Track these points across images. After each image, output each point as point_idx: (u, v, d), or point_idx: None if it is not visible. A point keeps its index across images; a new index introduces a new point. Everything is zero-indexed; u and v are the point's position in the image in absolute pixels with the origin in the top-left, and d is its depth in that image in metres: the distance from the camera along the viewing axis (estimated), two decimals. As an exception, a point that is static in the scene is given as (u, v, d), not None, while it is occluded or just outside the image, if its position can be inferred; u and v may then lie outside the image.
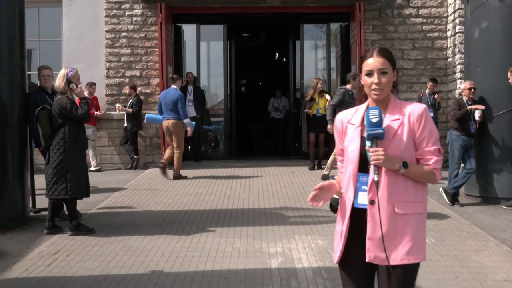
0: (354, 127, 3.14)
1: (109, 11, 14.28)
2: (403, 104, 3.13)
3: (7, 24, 7.84)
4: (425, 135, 3.03)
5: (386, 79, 3.06)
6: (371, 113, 2.97)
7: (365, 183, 3.02)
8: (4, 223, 7.55)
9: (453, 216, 8.40)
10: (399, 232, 2.99)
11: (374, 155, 2.91)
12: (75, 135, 7.29)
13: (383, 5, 14.29)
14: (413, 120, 3.03)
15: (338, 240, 3.15)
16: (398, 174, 2.97)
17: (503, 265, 6.11)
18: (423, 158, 3.05)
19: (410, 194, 3.02)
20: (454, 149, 9.25)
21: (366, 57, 3.15)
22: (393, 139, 3.01)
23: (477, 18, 9.55)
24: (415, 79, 14.30)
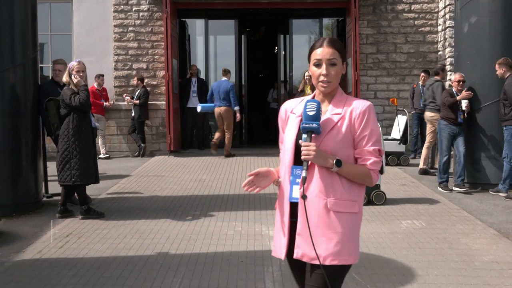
0: (295, 117, 2.87)
1: (117, 6, 14.24)
2: (349, 99, 2.83)
3: (20, 19, 7.81)
4: (366, 134, 2.74)
5: (335, 71, 2.76)
6: (309, 106, 2.70)
7: (299, 176, 2.74)
8: (18, 207, 7.57)
9: (443, 201, 8.41)
10: (330, 230, 2.72)
11: (305, 150, 2.64)
12: (79, 124, 7.27)
13: (377, 1, 14.25)
14: (355, 117, 2.74)
15: (279, 235, 2.89)
16: (333, 171, 2.70)
17: (489, 247, 6.12)
18: (361, 157, 2.76)
19: (344, 192, 2.74)
20: (442, 138, 9.27)
21: (315, 46, 2.82)
22: (329, 133, 2.73)
23: (467, 14, 9.52)
24: (407, 72, 14.28)
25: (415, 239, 6.39)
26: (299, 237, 2.74)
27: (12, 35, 7.73)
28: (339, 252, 2.70)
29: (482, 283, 4.99)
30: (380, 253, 5.89)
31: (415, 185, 9.77)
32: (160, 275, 5.17)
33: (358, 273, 5.19)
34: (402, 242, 6.29)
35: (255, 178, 2.86)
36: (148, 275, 5.15)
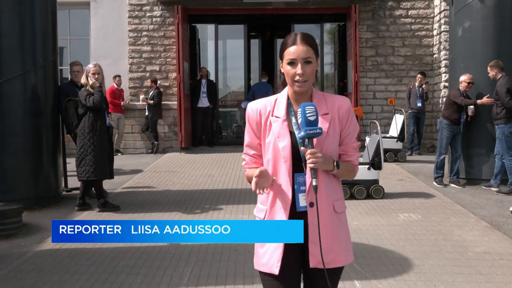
0: (280, 121, 2.52)
1: (132, 12, 14.26)
2: (327, 96, 2.60)
3: (41, 24, 7.84)
4: (351, 131, 2.57)
5: (310, 69, 2.47)
6: (308, 111, 2.39)
7: (303, 183, 2.48)
8: (39, 201, 7.61)
9: (438, 196, 8.40)
10: (340, 232, 2.55)
11: (313, 158, 2.36)
12: (94, 122, 7.29)
13: (376, 7, 14.21)
14: (342, 115, 2.54)
15: (268, 248, 2.51)
16: (329, 173, 2.50)
17: (482, 239, 6.11)
18: (346, 154, 2.58)
19: (338, 191, 2.58)
20: (443, 137, 9.20)
21: (288, 43, 2.49)
22: (327, 136, 2.49)
23: (461, 19, 9.50)
24: (404, 73, 14.24)
25: (411, 231, 6.39)
26: (313, 245, 2.45)
27: (34, 39, 7.76)
28: (348, 250, 2.58)
29: (475, 273, 4.98)
30: (379, 244, 5.89)
31: (411, 180, 9.76)
32: (172, 264, 5.18)
33: (358, 263, 5.19)
34: (399, 234, 6.29)
35: (259, 179, 2.42)
36: (161, 264, 5.17)
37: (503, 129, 8.52)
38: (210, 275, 4.87)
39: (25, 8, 7.65)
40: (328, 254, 2.44)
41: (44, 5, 7.90)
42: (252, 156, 2.63)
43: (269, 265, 2.48)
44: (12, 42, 7.54)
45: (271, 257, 2.48)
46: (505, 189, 8.56)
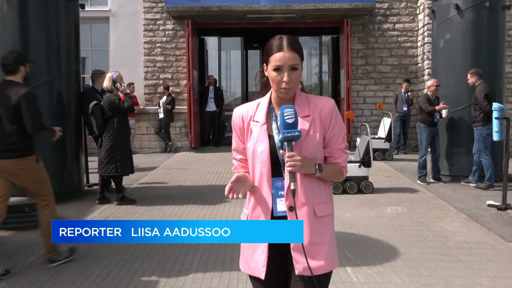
0: (259, 125, 2.26)
1: (147, 26, 14.27)
2: (310, 98, 2.30)
3: (65, 37, 7.85)
4: (336, 132, 2.26)
5: (296, 75, 2.20)
6: (286, 113, 2.12)
7: (281, 187, 2.20)
8: (64, 195, 7.60)
9: (421, 191, 8.39)
10: (321, 237, 2.22)
11: (291, 161, 2.09)
12: (121, 124, 7.35)
13: (366, 21, 14.20)
14: (324, 117, 2.23)
15: (253, 252, 2.26)
16: (311, 176, 2.20)
17: (461, 229, 6.10)
18: (332, 156, 2.27)
19: (322, 194, 2.25)
20: (422, 139, 9.18)
21: (273, 49, 2.20)
22: (306, 139, 2.19)
23: (442, 32, 9.49)
24: (391, 81, 14.23)
25: (398, 222, 6.38)
26: (295, 252, 2.17)
27: (59, 50, 7.77)
28: (332, 256, 2.25)
29: (455, 260, 4.97)
30: (368, 234, 5.88)
31: (398, 177, 9.75)
32: (182, 252, 5.18)
33: (350, 251, 5.18)
34: (387, 225, 6.28)
35: (235, 184, 2.20)
36: (173, 252, 5.16)
37: (480, 131, 8.51)
38: (217, 262, 4.87)
39: (51, 22, 7.66)
40: (309, 260, 2.14)
41: (68, 19, 7.91)
42: (239, 160, 2.39)
43: (256, 269, 2.24)
44: (39, 53, 7.55)
45: (257, 262, 2.23)
46: (482, 184, 8.54)
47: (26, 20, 7.51)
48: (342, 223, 6.25)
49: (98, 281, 4.46)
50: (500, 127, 7.58)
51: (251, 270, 2.27)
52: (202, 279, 4.46)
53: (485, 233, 5.94)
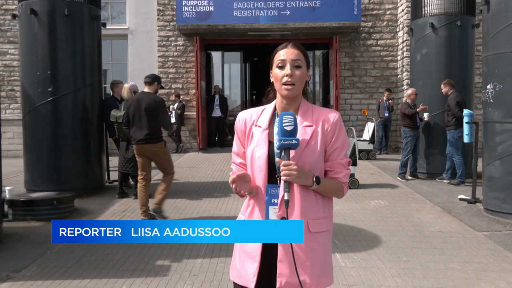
0: (260, 130, 1.98)
1: (160, 42, 14.28)
2: (315, 108, 2.00)
3: (89, 52, 7.86)
4: (338, 146, 1.95)
5: (300, 72, 1.93)
6: (285, 119, 1.83)
7: (275, 195, 1.90)
8: (87, 190, 7.62)
9: (401, 186, 8.38)
10: (313, 253, 1.90)
11: (286, 170, 1.80)
12: None
13: (353, 38, 14.20)
14: (328, 129, 1.94)
15: (245, 260, 1.97)
16: (309, 189, 1.90)
17: (436, 220, 6.10)
18: (332, 170, 1.96)
19: (320, 209, 1.94)
20: (408, 141, 9.08)
21: (278, 49, 1.99)
22: (306, 148, 1.90)
23: (419, 47, 9.50)
24: (374, 90, 14.22)
25: (380, 214, 6.38)
26: (281, 264, 1.88)
27: (83, 63, 7.78)
28: (322, 275, 1.92)
29: (431, 247, 4.97)
30: (354, 224, 5.88)
31: (380, 174, 9.75)
32: (192, 240, 5.17)
33: (338, 240, 5.18)
34: (371, 216, 6.28)
35: (238, 180, 1.89)
36: (183, 240, 5.16)
37: (453, 134, 8.52)
38: (222, 249, 4.86)
39: (76, 39, 7.67)
40: (295, 277, 1.85)
41: (91, 37, 7.92)
42: (239, 164, 2.09)
43: (246, 279, 1.94)
44: (66, 66, 7.57)
45: (247, 271, 1.94)
46: (454, 181, 8.54)
47: (55, 37, 7.52)
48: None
49: (118, 265, 4.46)
50: (470, 130, 7.60)
51: (240, 279, 1.98)
52: (208, 264, 4.46)
53: (457, 224, 5.94)
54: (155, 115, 5.85)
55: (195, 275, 4.20)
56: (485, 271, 4.28)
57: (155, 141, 5.93)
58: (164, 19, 14.26)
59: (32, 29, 7.53)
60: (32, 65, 7.55)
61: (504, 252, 4.82)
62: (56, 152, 7.49)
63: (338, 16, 13.34)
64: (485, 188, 6.50)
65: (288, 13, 13.47)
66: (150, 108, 5.85)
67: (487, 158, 6.41)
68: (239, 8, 13.49)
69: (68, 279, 4.11)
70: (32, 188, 7.42)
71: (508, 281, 4.04)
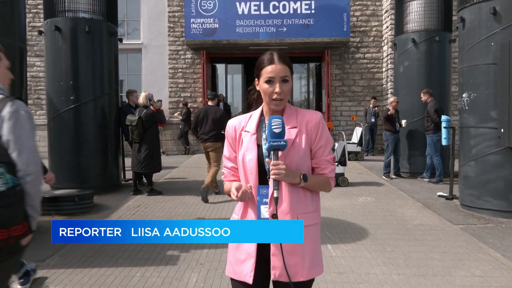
0: (249, 135, 1.90)
1: (171, 55, 14.29)
2: (299, 111, 1.93)
3: (107, 64, 7.86)
4: (322, 144, 1.88)
5: (287, 87, 1.85)
6: (274, 123, 1.78)
7: (266, 195, 1.83)
8: (105, 188, 7.61)
9: (386, 184, 8.37)
10: (303, 245, 1.81)
11: (275, 169, 1.75)
12: (157, 132, 7.41)
13: (342, 52, 14.21)
14: (311, 129, 1.87)
15: (241, 257, 1.87)
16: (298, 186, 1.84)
17: (417, 215, 6.08)
18: (319, 167, 1.89)
19: (309, 204, 1.87)
20: (389, 144, 9.14)
21: (265, 63, 1.87)
22: (291, 149, 1.83)
23: (402, 60, 9.50)
24: (362, 98, 14.22)
25: (367, 209, 6.37)
26: (274, 257, 1.82)
27: (102, 75, 7.79)
28: (313, 265, 1.86)
29: (413, 239, 4.96)
30: (344, 218, 5.87)
31: (367, 173, 9.73)
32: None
33: (330, 232, 5.17)
34: (359, 211, 6.27)
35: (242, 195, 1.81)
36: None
37: (432, 138, 8.52)
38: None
39: (96, 53, 7.68)
40: (289, 268, 1.79)
41: (109, 51, 7.92)
42: (230, 168, 2.00)
43: (243, 274, 1.85)
44: (87, 77, 7.58)
45: (244, 267, 1.85)
46: (434, 180, 8.53)
47: (77, 51, 7.53)
48: (323, 210, 6.23)
49: (132, 255, 4.45)
50: (447, 134, 7.59)
51: (237, 274, 1.88)
52: (214, 254, 4.45)
53: (436, 218, 5.93)
54: (219, 122, 7.03)
55: (201, 264, 4.19)
56: (462, 261, 4.27)
57: (216, 140, 7.10)
58: (174, 35, 14.28)
59: (56, 44, 7.54)
60: (56, 76, 7.56)
61: (478, 244, 4.81)
62: (77, 153, 7.48)
63: (330, 32, 13.36)
64: (461, 186, 6.48)
65: (285, 30, 13.50)
66: (216, 117, 7.09)
67: (463, 159, 6.40)
68: (241, 25, 13.52)
69: (88, 268, 4.10)
70: (56, 186, 7.37)
71: (482, 269, 4.03)
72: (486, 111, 5.95)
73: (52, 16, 7.56)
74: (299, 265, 1.82)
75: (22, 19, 5.51)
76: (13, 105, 2.05)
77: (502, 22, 5.78)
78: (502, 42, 5.72)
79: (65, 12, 7.52)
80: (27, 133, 2.07)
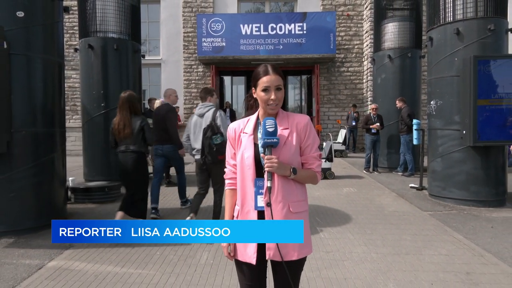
0: (247, 136, 1.91)
1: (185, 69, 14.27)
2: (290, 115, 1.94)
3: (132, 76, 7.84)
4: (310, 143, 1.89)
5: (281, 94, 1.87)
6: (268, 123, 1.80)
7: (261, 187, 1.83)
8: (131, 180, 7.57)
9: (366, 177, 8.35)
10: None
11: (269, 163, 1.76)
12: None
13: (330, 66, 14.18)
14: (300, 129, 1.88)
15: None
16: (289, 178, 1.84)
17: (392, 203, 6.07)
18: (307, 162, 1.90)
19: (299, 194, 1.87)
20: (367, 143, 9.13)
21: (261, 74, 1.88)
22: (284, 147, 1.85)
23: (379, 72, 9.48)
24: (346, 105, 14.19)
25: (351, 198, 6.36)
26: None
27: (128, 85, 7.74)
28: (303, 246, 1.84)
29: (389, 223, 4.95)
30: (331, 206, 5.86)
31: (350, 168, 9.71)
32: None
33: (319, 218, 5.16)
34: (344, 200, 6.26)
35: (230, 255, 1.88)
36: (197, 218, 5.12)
37: (405, 138, 8.50)
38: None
39: (123, 67, 7.66)
40: (281, 248, 1.79)
41: (134, 65, 7.90)
42: (232, 166, 1.98)
43: (248, 256, 1.83)
44: (115, 87, 7.56)
45: (249, 250, 1.83)
46: (406, 173, 8.51)
47: (106, 65, 7.52)
48: (314, 199, 6.23)
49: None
50: (418, 135, 7.57)
51: (242, 256, 1.85)
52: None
53: (408, 205, 5.91)
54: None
55: (211, 245, 4.18)
56: (430, 241, 4.26)
57: None
58: (188, 52, 14.26)
59: (89, 59, 7.53)
60: (89, 86, 7.55)
61: (444, 227, 4.80)
62: (107, 152, 7.45)
63: (319, 50, 13.33)
64: (430, 178, 6.47)
65: (281, 47, 13.49)
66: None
67: (431, 156, 6.38)
68: (245, 43, 13.50)
69: (116, 247, 4.10)
70: (89, 179, 7.41)
71: (447, 249, 4.02)
72: (450, 115, 5.94)
73: (85, 36, 7.56)
74: (290, 246, 1.81)
75: (60, 38, 5.50)
76: (218, 111, 4.10)
77: (464, 41, 5.77)
78: (464, 57, 5.72)
79: (97, 33, 7.52)
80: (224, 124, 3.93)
